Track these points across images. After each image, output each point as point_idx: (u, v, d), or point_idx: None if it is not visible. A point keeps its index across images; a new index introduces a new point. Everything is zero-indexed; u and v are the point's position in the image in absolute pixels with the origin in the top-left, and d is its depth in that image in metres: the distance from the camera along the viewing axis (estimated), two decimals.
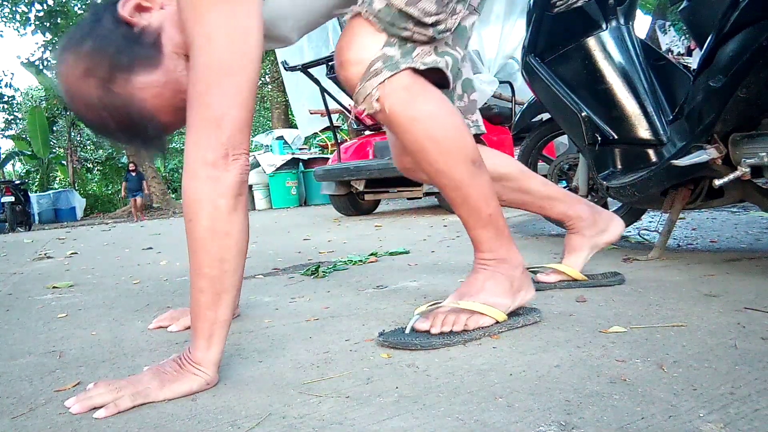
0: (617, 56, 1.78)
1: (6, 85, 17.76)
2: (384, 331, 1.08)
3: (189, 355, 0.90)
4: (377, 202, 5.26)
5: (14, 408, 0.88)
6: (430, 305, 1.10)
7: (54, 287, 2.14)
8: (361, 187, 4.66)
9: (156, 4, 0.98)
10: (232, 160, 0.87)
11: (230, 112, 0.86)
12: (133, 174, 12.68)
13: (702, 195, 1.69)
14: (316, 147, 10.50)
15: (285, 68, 4.76)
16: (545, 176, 2.45)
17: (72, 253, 3.62)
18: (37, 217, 13.08)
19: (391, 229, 3.48)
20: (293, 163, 9.09)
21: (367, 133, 5.20)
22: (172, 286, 1.95)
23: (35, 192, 15.74)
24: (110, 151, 19.57)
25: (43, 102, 17.37)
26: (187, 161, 0.88)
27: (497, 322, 1.06)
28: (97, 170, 20.67)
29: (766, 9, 1.23)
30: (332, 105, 4.91)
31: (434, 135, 1.01)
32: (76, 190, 15.94)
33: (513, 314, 1.11)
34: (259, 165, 9.17)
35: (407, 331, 1.04)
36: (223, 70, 0.86)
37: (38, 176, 18.51)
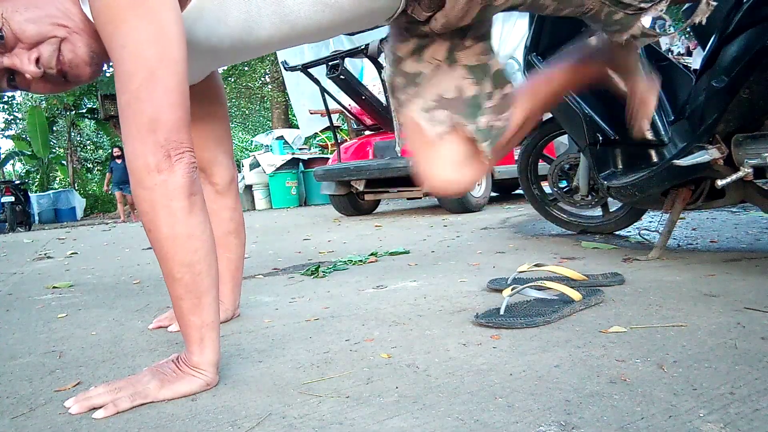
0: None
1: None
2: (478, 314, 1.17)
3: (186, 359, 0.90)
4: (377, 202, 5.25)
5: (14, 408, 0.88)
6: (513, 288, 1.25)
7: (54, 287, 2.14)
8: (361, 187, 4.66)
9: None
10: (176, 160, 0.84)
11: (163, 115, 0.83)
12: (119, 162, 10.21)
13: (703, 195, 1.69)
14: (316, 147, 10.49)
15: (285, 68, 4.77)
16: (545, 176, 2.46)
17: (72, 253, 3.62)
18: (37, 217, 13.01)
19: (391, 229, 3.48)
20: (293, 163, 9.08)
21: (367, 133, 5.20)
22: None
23: (35, 192, 15.73)
24: (110, 151, 19.59)
25: (43, 102, 17.36)
26: (132, 172, 0.85)
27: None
28: (97, 170, 20.65)
29: None
30: (332, 105, 4.91)
31: None
32: (76, 190, 15.92)
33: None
34: (259, 165, 9.16)
35: (501, 312, 1.15)
36: (148, 74, 0.82)
37: (38, 176, 18.51)
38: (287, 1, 0.97)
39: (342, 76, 4.30)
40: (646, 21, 1.06)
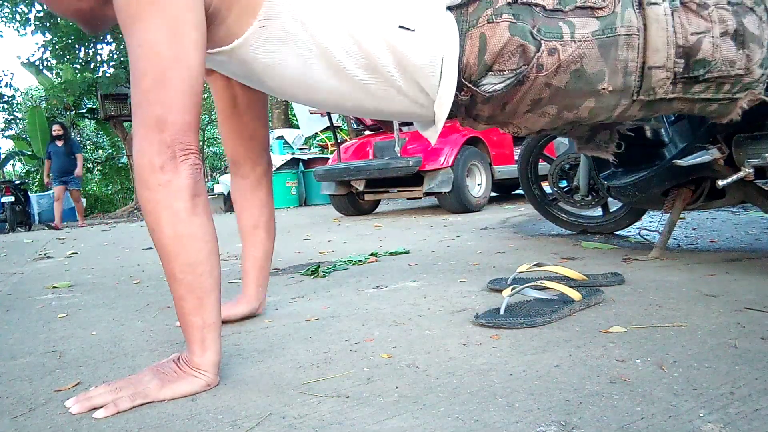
0: None
1: (6, 85, 17.73)
2: (478, 314, 1.16)
3: (187, 359, 0.90)
4: (377, 202, 5.25)
5: (14, 408, 0.88)
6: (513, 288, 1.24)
7: (54, 287, 2.13)
8: (361, 187, 4.66)
9: None
10: (181, 161, 0.84)
11: (171, 116, 0.84)
12: (59, 145, 7.41)
13: (703, 195, 1.69)
14: (316, 147, 10.49)
15: None
16: (545, 176, 2.46)
17: (72, 253, 3.62)
18: (37, 217, 12.98)
19: (391, 229, 3.48)
20: (293, 163, 9.08)
21: (367, 133, 5.20)
22: None
23: (35, 192, 15.71)
24: (110, 151, 19.61)
25: (43, 102, 17.33)
26: (137, 171, 0.85)
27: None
28: (97, 170, 20.64)
29: None
30: None
31: None
32: None
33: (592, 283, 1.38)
34: None
35: (501, 312, 1.15)
36: (159, 75, 0.83)
37: (38, 176, 18.50)
38: (314, 70, 1.01)
39: None
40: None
